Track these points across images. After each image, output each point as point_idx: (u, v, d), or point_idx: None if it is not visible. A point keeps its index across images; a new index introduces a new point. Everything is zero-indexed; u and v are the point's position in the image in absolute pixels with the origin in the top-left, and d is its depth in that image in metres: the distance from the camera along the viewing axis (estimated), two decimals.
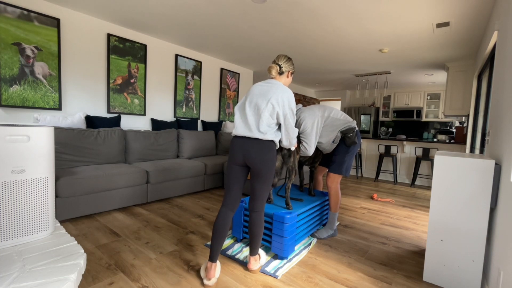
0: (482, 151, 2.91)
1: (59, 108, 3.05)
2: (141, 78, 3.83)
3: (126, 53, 3.62)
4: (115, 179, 2.74)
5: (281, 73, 1.74)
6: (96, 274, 1.65)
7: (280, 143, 1.73)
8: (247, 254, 1.96)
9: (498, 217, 1.48)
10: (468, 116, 4.23)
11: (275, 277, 1.71)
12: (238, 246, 2.09)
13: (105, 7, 2.98)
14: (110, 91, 3.49)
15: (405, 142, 5.26)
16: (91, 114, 3.36)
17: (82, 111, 3.26)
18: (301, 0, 2.60)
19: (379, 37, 3.49)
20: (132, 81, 3.72)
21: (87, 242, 2.07)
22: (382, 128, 7.64)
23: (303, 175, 2.70)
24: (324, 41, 3.75)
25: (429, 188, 4.90)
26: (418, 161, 4.89)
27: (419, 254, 2.15)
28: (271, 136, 1.62)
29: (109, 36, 3.41)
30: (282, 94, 1.62)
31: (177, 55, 4.28)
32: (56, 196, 2.36)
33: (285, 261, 1.91)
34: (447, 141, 5.28)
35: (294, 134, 1.70)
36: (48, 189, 1.31)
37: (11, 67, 2.69)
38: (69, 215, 2.45)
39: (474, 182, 1.60)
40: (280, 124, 1.66)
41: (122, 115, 3.68)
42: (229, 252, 1.99)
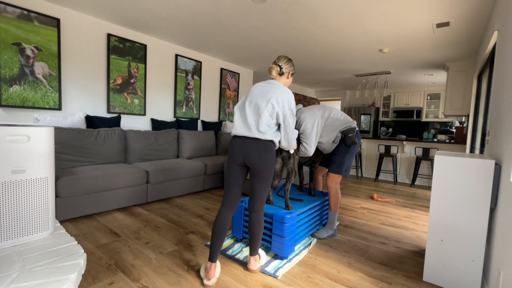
0: (482, 151, 2.91)
1: (59, 108, 3.05)
2: (141, 78, 3.83)
3: (126, 53, 3.62)
4: (115, 179, 2.74)
5: (281, 74, 1.74)
6: (96, 274, 1.65)
7: (279, 144, 1.73)
8: (247, 254, 1.96)
9: (498, 217, 1.48)
10: (468, 116, 4.23)
11: (275, 277, 1.71)
12: (238, 246, 2.09)
13: (105, 7, 2.99)
14: (110, 91, 3.49)
15: (405, 142, 5.26)
16: (91, 114, 3.36)
17: (82, 111, 3.26)
18: (301, 0, 2.60)
19: (379, 37, 3.49)
20: (132, 81, 3.73)
21: (87, 242, 2.07)
22: (382, 128, 7.64)
23: (303, 175, 2.70)
24: (324, 41, 3.75)
25: (429, 188, 4.90)
26: (418, 161, 4.89)
27: (419, 254, 2.15)
28: (271, 136, 1.62)
29: (109, 36, 3.41)
30: (282, 94, 1.62)
31: (177, 55, 4.28)
32: (56, 196, 2.36)
33: (285, 261, 1.91)
34: (447, 141, 5.28)
35: (293, 136, 1.69)
36: (48, 189, 1.32)
37: (11, 67, 2.69)
38: (69, 215, 2.45)
39: (474, 182, 1.60)
40: (280, 124, 1.66)
41: (122, 115, 3.68)
42: (229, 252, 1.99)
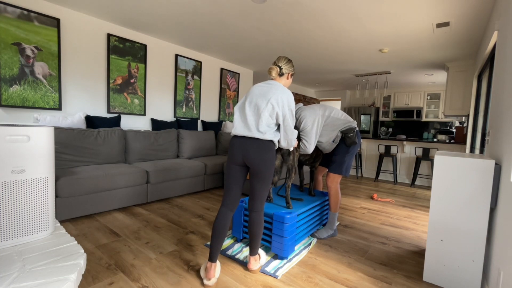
0: (482, 151, 2.91)
1: (59, 108, 3.05)
2: (141, 78, 3.83)
3: (126, 53, 3.62)
4: (115, 179, 2.74)
5: (281, 74, 1.74)
6: (96, 274, 1.65)
7: (278, 144, 1.74)
8: (247, 254, 1.96)
9: (498, 217, 1.48)
10: (468, 116, 4.23)
11: (275, 277, 1.71)
12: (238, 246, 2.09)
13: (105, 7, 2.98)
14: (110, 91, 3.49)
15: (405, 142, 5.26)
16: (91, 114, 3.36)
17: (82, 111, 3.26)
18: (301, 0, 2.60)
19: (379, 37, 3.49)
20: (132, 81, 3.73)
21: (87, 242, 2.07)
22: (382, 128, 7.64)
23: (303, 175, 2.70)
24: (324, 41, 3.75)
25: (429, 188, 4.90)
26: (418, 161, 4.89)
27: (419, 254, 2.15)
28: (270, 136, 1.62)
29: (109, 36, 3.41)
30: (282, 94, 1.62)
31: (177, 55, 4.28)
32: (56, 196, 2.36)
33: (285, 261, 1.91)
34: (447, 141, 5.28)
35: (292, 136, 1.70)
36: (48, 189, 1.32)
37: (11, 67, 2.69)
38: (69, 215, 2.45)
39: (474, 182, 1.60)
40: (279, 124, 1.67)
41: (122, 115, 3.68)
42: (229, 252, 1.99)
